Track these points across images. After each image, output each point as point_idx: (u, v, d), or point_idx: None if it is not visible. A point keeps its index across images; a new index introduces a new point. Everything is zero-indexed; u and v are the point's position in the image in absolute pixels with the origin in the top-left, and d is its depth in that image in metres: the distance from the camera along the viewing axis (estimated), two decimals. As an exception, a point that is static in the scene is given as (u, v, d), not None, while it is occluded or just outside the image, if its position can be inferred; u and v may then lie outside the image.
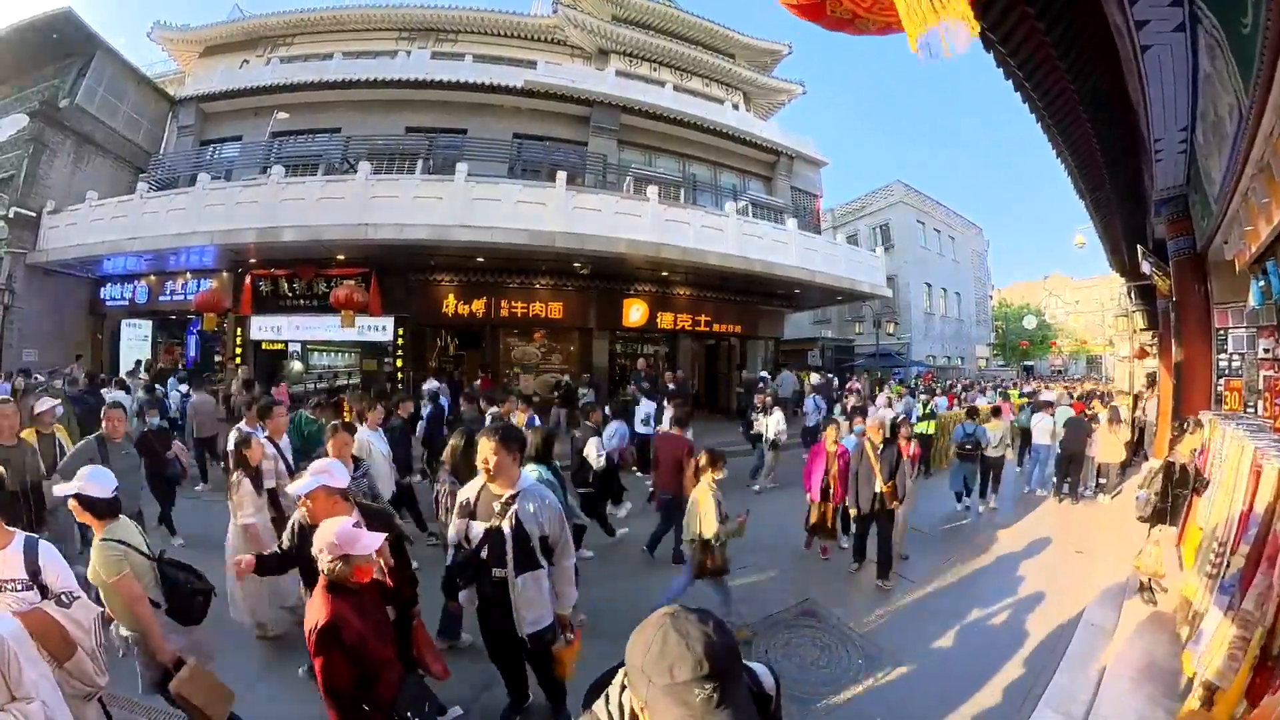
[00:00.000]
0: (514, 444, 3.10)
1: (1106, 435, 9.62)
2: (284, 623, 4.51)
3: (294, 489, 3.11)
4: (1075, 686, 4.07)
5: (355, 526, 2.54)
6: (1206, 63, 3.64)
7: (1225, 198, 4.67)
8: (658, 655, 0.95)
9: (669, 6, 20.19)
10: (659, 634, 0.98)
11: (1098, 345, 42.93)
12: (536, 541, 3.04)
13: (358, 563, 2.39)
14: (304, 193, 12.86)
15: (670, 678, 0.92)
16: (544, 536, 3.07)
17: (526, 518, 3.01)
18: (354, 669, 2.34)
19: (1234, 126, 3.63)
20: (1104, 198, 7.99)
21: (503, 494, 3.08)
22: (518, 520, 3.01)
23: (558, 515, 3.14)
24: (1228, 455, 4.12)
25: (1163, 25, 3.52)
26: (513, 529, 3.00)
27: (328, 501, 3.02)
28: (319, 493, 3.01)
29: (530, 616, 3.10)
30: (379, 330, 14.71)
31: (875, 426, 6.40)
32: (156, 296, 15.75)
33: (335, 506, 3.01)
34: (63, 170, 15.64)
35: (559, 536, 3.15)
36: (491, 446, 2.99)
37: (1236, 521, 3.61)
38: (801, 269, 15.43)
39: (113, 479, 2.99)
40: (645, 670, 0.96)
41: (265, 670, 4.22)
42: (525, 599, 3.06)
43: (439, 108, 16.73)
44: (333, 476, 3.06)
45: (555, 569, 3.17)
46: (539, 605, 3.11)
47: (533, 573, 3.06)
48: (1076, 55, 4.32)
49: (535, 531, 3.02)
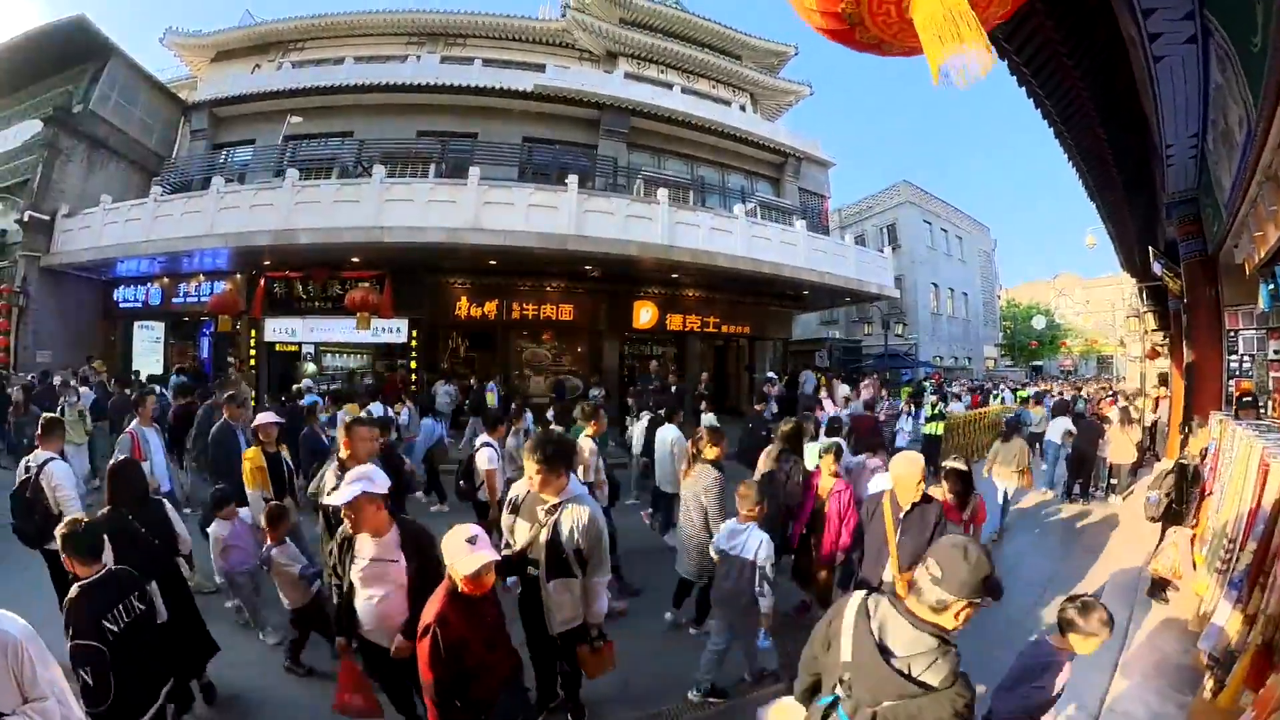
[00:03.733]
0: (559, 463, 3.11)
1: (1118, 436, 9.67)
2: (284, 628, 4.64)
3: (337, 499, 2.92)
4: (1089, 680, 4.15)
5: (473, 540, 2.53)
6: (1217, 74, 3.73)
7: (1235, 204, 4.75)
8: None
9: (676, 9, 20.26)
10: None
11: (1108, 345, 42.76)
12: (570, 554, 3.08)
13: (485, 575, 2.49)
14: (319, 195, 13.02)
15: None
16: (578, 550, 3.08)
17: (562, 533, 3.07)
18: (451, 668, 2.42)
19: (1243, 137, 3.72)
20: (1115, 200, 8.07)
21: (548, 501, 3.14)
22: (554, 532, 3.07)
23: (596, 532, 3.12)
24: (1236, 455, 4.21)
25: (1175, 38, 3.62)
26: (548, 540, 3.07)
27: (370, 509, 2.93)
28: (361, 500, 2.88)
29: (560, 617, 3.17)
30: (393, 332, 14.87)
31: (915, 467, 3.71)
32: (170, 299, 15.91)
33: (378, 514, 2.96)
34: (77, 174, 15.82)
35: (594, 552, 3.14)
36: (535, 467, 3.04)
37: (1245, 518, 3.70)
38: (810, 270, 15.51)
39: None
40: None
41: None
42: (555, 601, 3.14)
43: (450, 112, 16.87)
44: (373, 483, 2.92)
45: (586, 581, 3.18)
46: (569, 608, 3.17)
47: (563, 580, 3.12)
48: (1090, 64, 4.41)
49: (569, 545, 3.07)
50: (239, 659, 4.26)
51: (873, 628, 1.84)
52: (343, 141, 16.92)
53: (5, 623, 2.03)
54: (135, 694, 2.72)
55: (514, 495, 3.34)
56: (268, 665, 4.36)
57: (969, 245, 35.72)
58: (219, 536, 4.65)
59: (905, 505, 3.67)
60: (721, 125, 18.31)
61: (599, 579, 3.22)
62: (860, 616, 1.89)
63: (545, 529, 3.09)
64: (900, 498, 3.70)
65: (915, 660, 1.73)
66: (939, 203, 33.49)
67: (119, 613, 2.72)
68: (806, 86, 22.69)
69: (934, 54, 2.06)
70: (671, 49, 19.98)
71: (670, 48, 19.95)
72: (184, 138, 18.61)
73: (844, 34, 2.38)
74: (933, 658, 1.71)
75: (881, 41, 2.37)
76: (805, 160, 20.70)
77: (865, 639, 1.83)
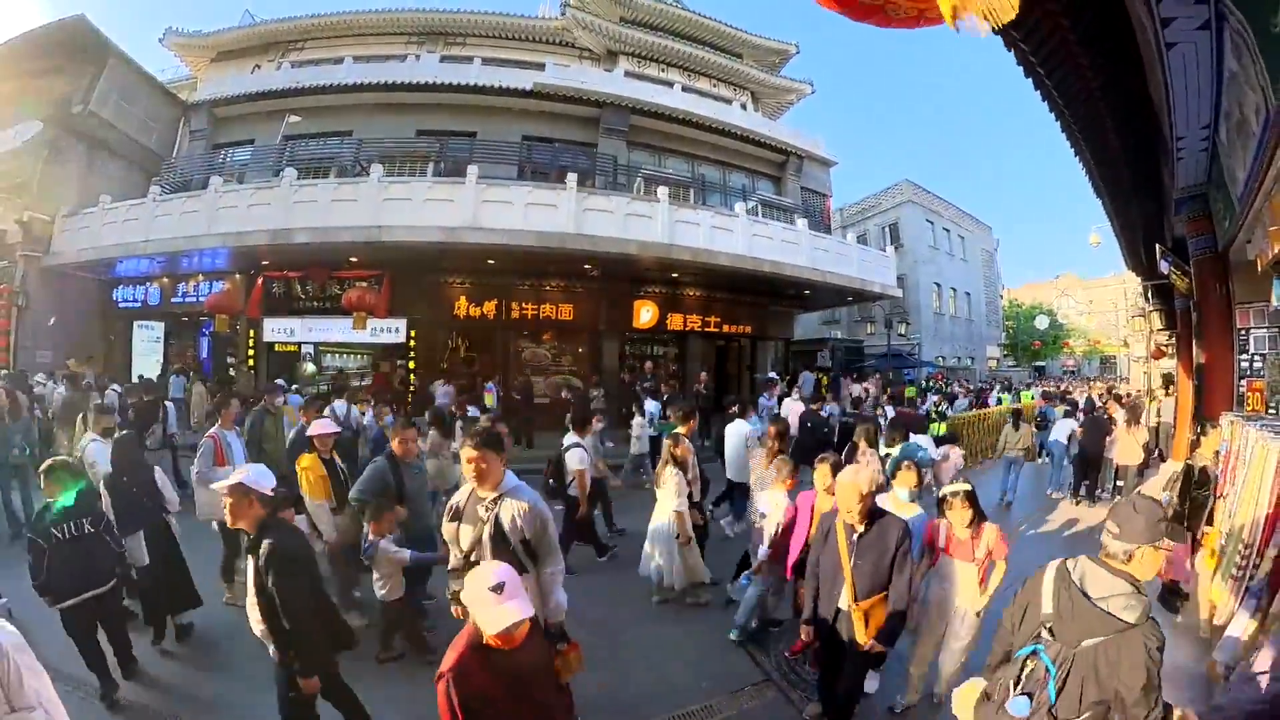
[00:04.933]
0: (497, 447, 3.06)
1: (1125, 437, 9.51)
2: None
3: (216, 485, 3.14)
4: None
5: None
6: (1232, 62, 3.59)
7: (1249, 198, 4.61)
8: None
9: (676, 7, 20.18)
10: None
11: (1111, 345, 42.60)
12: (517, 544, 2.98)
13: (516, 632, 2.17)
14: (316, 195, 12.98)
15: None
16: (524, 540, 2.99)
17: (506, 523, 2.97)
18: None
19: (1260, 126, 3.59)
20: (1122, 195, 7.93)
21: (486, 497, 3.05)
22: (497, 524, 2.98)
23: (541, 521, 3.04)
24: (1252, 457, 4.07)
25: (1188, 23, 3.48)
26: (491, 535, 2.97)
27: (243, 502, 3.00)
28: (235, 491, 2.99)
29: None
30: (391, 332, 14.81)
31: (858, 478, 3.31)
32: (169, 298, 15.95)
33: (250, 510, 3.00)
34: (76, 174, 15.87)
35: (542, 540, 3.05)
36: (475, 454, 2.97)
37: (1263, 524, 3.56)
38: (812, 269, 15.40)
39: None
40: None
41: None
42: None
43: (449, 111, 16.81)
44: (252, 478, 3.05)
45: (539, 574, 3.07)
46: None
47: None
48: (1099, 52, 4.28)
49: (515, 536, 2.96)
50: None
51: (1074, 579, 2.14)
52: (341, 141, 16.88)
53: None
54: (62, 582, 3.74)
55: (454, 503, 3.21)
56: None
57: (971, 245, 35.58)
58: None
59: (856, 524, 3.32)
60: (722, 123, 18.21)
61: (551, 569, 3.11)
62: (1059, 575, 2.21)
63: (487, 525, 2.99)
64: (846, 516, 3.33)
65: (1113, 600, 2.02)
66: (941, 202, 33.37)
67: (67, 527, 3.77)
68: (808, 85, 22.58)
69: (948, 8, 1.95)
70: (672, 47, 19.88)
71: (671, 46, 19.86)
72: (183, 138, 18.60)
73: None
74: (1128, 600, 2.00)
75: (886, 4, 2.24)
76: (807, 159, 20.60)
77: (1066, 590, 2.14)
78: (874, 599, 3.30)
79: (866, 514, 3.30)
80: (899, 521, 3.40)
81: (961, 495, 3.80)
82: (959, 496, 3.80)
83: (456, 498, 3.24)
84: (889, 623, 3.29)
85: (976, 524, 3.81)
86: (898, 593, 3.29)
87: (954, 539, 3.85)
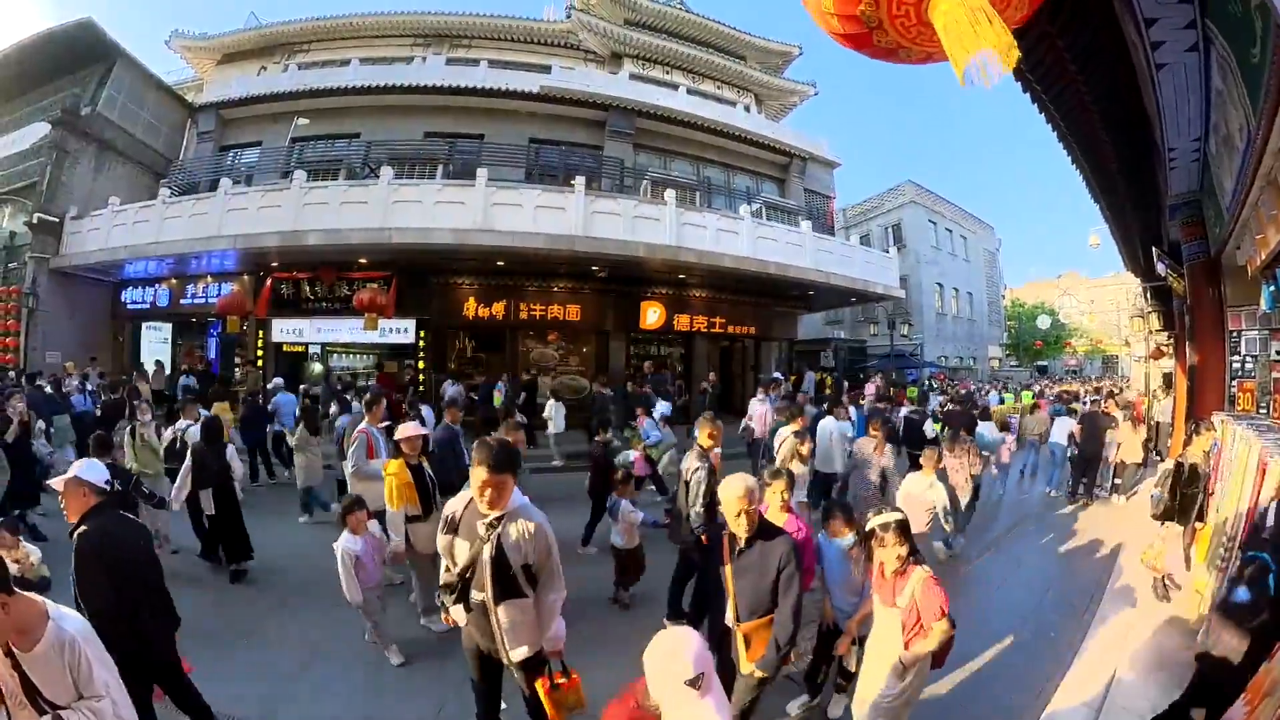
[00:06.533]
0: (513, 469, 2.80)
1: (1128, 435, 9.71)
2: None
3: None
4: (1092, 677, 4.22)
5: None
6: (1219, 81, 3.79)
7: (1236, 208, 4.80)
8: None
9: (680, 10, 20.33)
10: None
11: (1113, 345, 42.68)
12: (518, 570, 2.77)
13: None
14: (327, 197, 13.13)
15: None
16: (526, 565, 2.78)
17: (509, 546, 2.74)
18: None
19: (1244, 143, 3.78)
20: (1118, 201, 8.12)
21: (489, 514, 2.77)
22: (499, 547, 2.74)
23: (546, 545, 2.84)
24: (1236, 454, 4.27)
25: (1177, 46, 3.67)
26: (492, 556, 2.73)
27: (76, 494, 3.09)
28: (70, 483, 3.10)
29: (514, 644, 2.84)
30: (400, 333, 14.97)
31: (733, 487, 3.01)
32: (178, 300, 16.01)
33: (80, 501, 3.07)
34: (84, 177, 15.96)
35: (545, 566, 2.85)
36: (488, 478, 2.67)
37: (1245, 516, 3.76)
38: (816, 270, 15.58)
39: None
40: None
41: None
42: (508, 627, 2.81)
43: (456, 113, 16.99)
44: (85, 470, 3.17)
45: (540, 602, 2.88)
46: (524, 633, 2.86)
47: (513, 601, 2.80)
48: (1093, 69, 4.47)
49: (517, 560, 2.75)
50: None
51: None
52: (349, 143, 17.04)
53: (65, 620, 2.08)
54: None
55: (450, 513, 2.95)
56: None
57: (974, 245, 35.73)
58: (349, 552, 4.23)
59: (739, 538, 3.02)
60: (727, 126, 18.38)
61: (554, 597, 2.91)
62: None
63: (488, 545, 2.74)
64: (733, 526, 3.02)
65: None
66: (944, 202, 33.52)
67: (111, 480, 3.44)
68: (811, 86, 22.72)
69: (956, 55, 2.07)
70: (676, 50, 20.04)
71: (675, 48, 20.02)
72: (191, 140, 18.75)
73: (861, 39, 2.42)
74: None
75: (899, 47, 2.40)
76: (810, 160, 20.76)
77: None
78: (757, 622, 2.99)
79: (751, 527, 2.98)
80: (785, 540, 3.03)
81: (893, 528, 3.09)
82: (890, 530, 3.09)
83: (454, 506, 2.96)
84: (769, 652, 2.94)
85: (905, 565, 3.07)
86: (781, 621, 2.94)
87: (879, 578, 3.21)
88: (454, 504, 2.97)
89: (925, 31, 2.27)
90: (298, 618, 5.13)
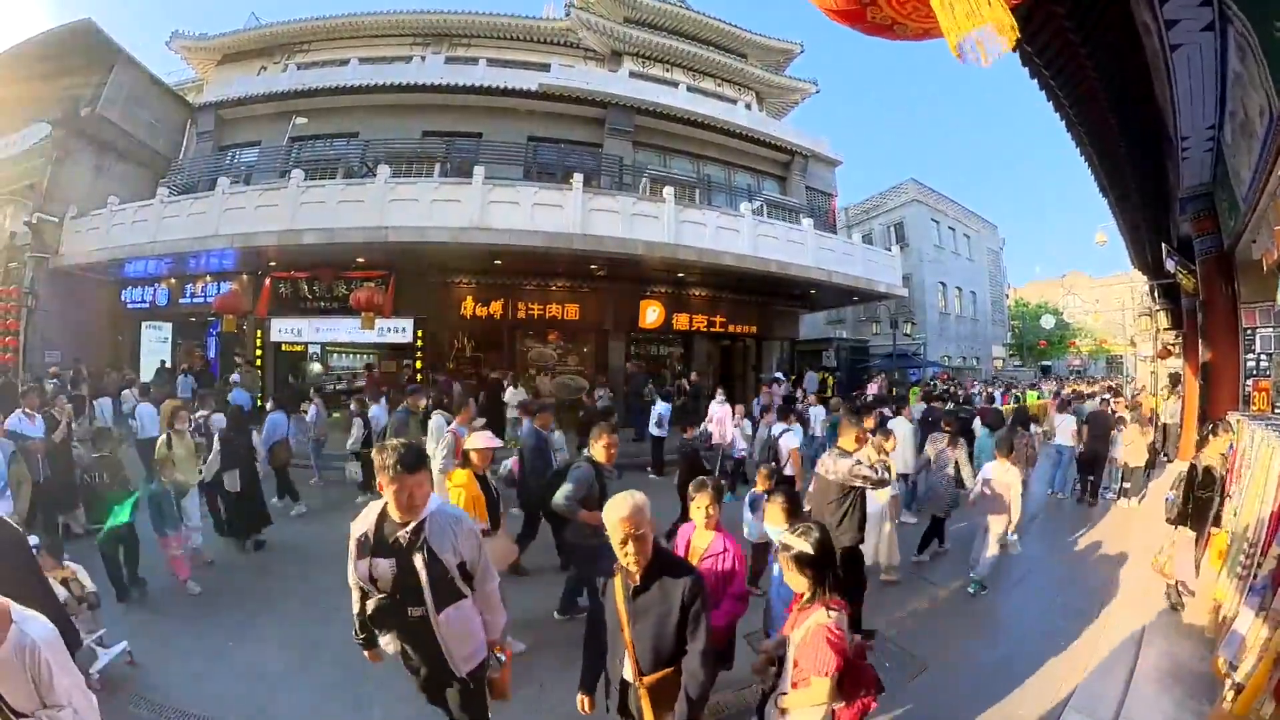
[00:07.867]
0: (424, 467, 2.64)
1: (1136, 437, 9.47)
2: None
3: None
4: (1104, 688, 4.05)
5: None
6: (1236, 63, 3.61)
7: (1254, 197, 4.63)
8: None
9: (680, 7, 20.19)
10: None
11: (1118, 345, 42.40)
12: (455, 571, 2.63)
13: None
14: (324, 196, 13.02)
15: None
16: (461, 563, 2.65)
17: (441, 546, 2.58)
18: None
19: (1264, 128, 3.61)
20: (1128, 195, 7.94)
21: (408, 521, 2.60)
22: (430, 550, 2.57)
23: (475, 535, 2.76)
24: (1257, 456, 4.09)
25: (1192, 25, 3.51)
26: (425, 562, 2.56)
27: None
28: None
29: (462, 653, 2.71)
30: (398, 332, 14.87)
31: (617, 508, 2.49)
32: (177, 299, 15.99)
33: None
34: (84, 176, 15.96)
35: (478, 560, 2.74)
36: (401, 482, 2.52)
37: (1267, 523, 3.58)
38: (817, 269, 15.40)
39: None
40: None
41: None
42: (454, 636, 2.67)
43: (454, 112, 16.87)
44: None
45: (479, 595, 2.77)
46: (472, 639, 2.76)
47: (456, 605, 2.67)
48: (1104, 53, 4.30)
49: (452, 560, 2.61)
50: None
51: None
52: (348, 142, 16.96)
53: (28, 624, 2.00)
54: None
55: (360, 535, 2.69)
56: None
57: (977, 244, 35.49)
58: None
59: (632, 574, 2.50)
60: (727, 123, 18.22)
61: (491, 584, 2.83)
62: None
63: (419, 552, 2.56)
64: (622, 559, 2.50)
65: None
66: (947, 201, 33.29)
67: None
68: (812, 84, 22.56)
69: (951, 30, 1.97)
70: (676, 47, 19.90)
71: (675, 46, 19.88)
72: (190, 139, 18.67)
73: (855, 14, 2.30)
74: None
75: (894, 22, 2.28)
76: (812, 158, 20.57)
77: None
78: (662, 673, 2.50)
79: (643, 558, 2.47)
80: (687, 574, 2.53)
81: (793, 556, 2.58)
82: (790, 555, 2.60)
83: (361, 528, 2.70)
84: (679, 707, 2.48)
85: (812, 601, 2.56)
86: (689, 671, 2.46)
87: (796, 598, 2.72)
88: (359, 525, 2.71)
89: (921, 6, 2.17)
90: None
